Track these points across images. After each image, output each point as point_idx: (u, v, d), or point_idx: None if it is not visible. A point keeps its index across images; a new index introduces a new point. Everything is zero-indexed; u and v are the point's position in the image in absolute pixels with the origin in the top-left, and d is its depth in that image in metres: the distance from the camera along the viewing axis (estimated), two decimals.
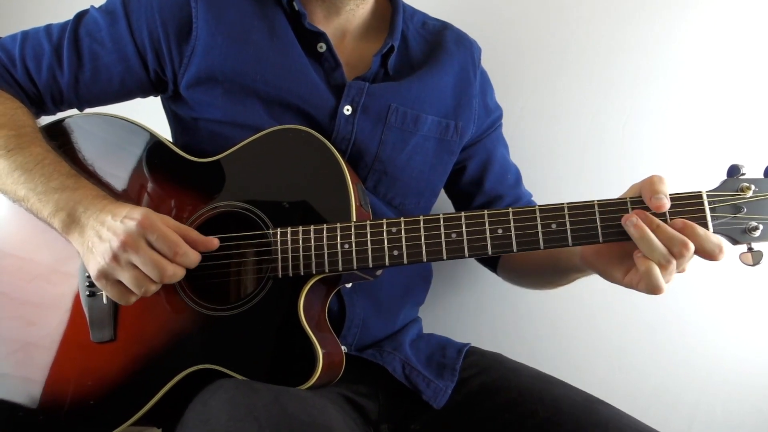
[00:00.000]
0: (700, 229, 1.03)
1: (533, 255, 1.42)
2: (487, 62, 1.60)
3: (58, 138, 1.31)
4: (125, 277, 1.12)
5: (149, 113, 1.45)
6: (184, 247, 1.13)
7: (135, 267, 1.11)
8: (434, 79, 1.44)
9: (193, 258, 1.14)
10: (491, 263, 1.59)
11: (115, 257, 1.11)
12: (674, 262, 1.04)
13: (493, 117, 1.57)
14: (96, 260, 1.13)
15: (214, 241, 1.18)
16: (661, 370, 1.80)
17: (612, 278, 1.13)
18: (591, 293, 1.78)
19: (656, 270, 1.04)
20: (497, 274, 1.60)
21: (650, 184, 1.06)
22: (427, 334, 1.52)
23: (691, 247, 1.03)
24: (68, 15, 1.38)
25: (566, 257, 1.27)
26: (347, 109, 1.35)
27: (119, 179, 1.29)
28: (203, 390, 1.11)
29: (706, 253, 1.03)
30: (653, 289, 1.06)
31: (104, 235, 1.12)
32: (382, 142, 1.38)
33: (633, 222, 1.05)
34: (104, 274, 1.13)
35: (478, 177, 1.54)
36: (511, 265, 1.54)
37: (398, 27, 1.44)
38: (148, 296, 1.14)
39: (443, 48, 1.49)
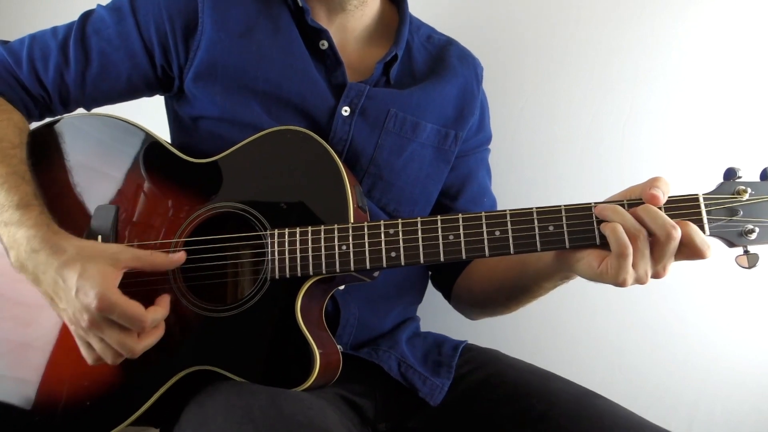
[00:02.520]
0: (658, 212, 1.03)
1: (497, 268, 1.40)
2: (487, 63, 1.60)
3: (51, 140, 1.31)
4: (95, 346, 1.12)
5: (150, 114, 1.46)
6: (148, 319, 1.10)
7: (103, 340, 1.11)
8: (436, 90, 1.45)
9: (161, 315, 1.14)
10: (445, 290, 1.57)
11: (83, 329, 1.11)
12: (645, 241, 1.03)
13: (482, 136, 1.57)
14: (66, 317, 1.12)
15: (181, 258, 1.17)
16: (661, 370, 1.80)
17: (588, 267, 1.09)
18: (590, 293, 1.77)
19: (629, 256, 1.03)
20: (450, 303, 1.58)
21: (653, 179, 1.06)
22: (423, 332, 1.52)
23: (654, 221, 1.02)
24: (72, 15, 1.39)
25: (535, 259, 1.24)
26: (345, 110, 1.35)
27: (116, 180, 1.29)
28: (200, 392, 1.12)
29: (660, 227, 1.01)
30: (619, 273, 1.04)
31: (64, 302, 1.11)
32: (378, 146, 1.38)
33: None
34: (75, 334, 1.14)
35: (455, 191, 1.53)
36: (471, 286, 1.49)
37: (403, 37, 1.45)
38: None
39: (446, 62, 1.50)
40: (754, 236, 1.03)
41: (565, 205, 1.09)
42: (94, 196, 1.28)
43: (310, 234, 1.17)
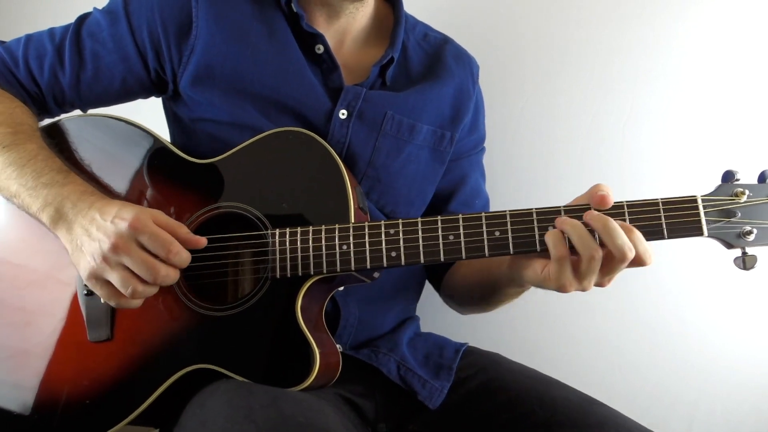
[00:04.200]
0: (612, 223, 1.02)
1: (473, 269, 1.41)
2: (487, 63, 1.61)
3: (56, 139, 1.32)
4: (114, 277, 1.12)
5: (149, 114, 1.46)
6: (177, 246, 1.13)
7: (125, 268, 1.11)
8: (432, 91, 1.45)
9: (186, 258, 1.14)
10: (436, 283, 1.58)
11: (106, 258, 1.11)
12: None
13: (476, 137, 1.57)
14: (86, 259, 1.13)
15: (202, 240, 1.18)
16: (661, 370, 1.80)
17: (532, 273, 1.10)
18: (590, 293, 1.77)
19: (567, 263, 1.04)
20: (440, 295, 1.59)
21: (595, 186, 1.07)
22: (424, 333, 1.53)
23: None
24: (70, 16, 1.40)
25: (497, 265, 1.26)
26: (342, 113, 1.35)
27: (118, 180, 1.30)
28: (200, 391, 1.12)
29: (617, 248, 1.01)
30: (558, 277, 1.05)
31: (94, 235, 1.12)
32: (376, 149, 1.38)
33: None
34: (94, 274, 1.13)
35: (447, 194, 1.53)
36: (453, 283, 1.51)
37: (399, 38, 1.45)
38: (137, 298, 1.14)
39: (442, 63, 1.50)
40: (752, 237, 1.04)
41: (564, 206, 1.09)
42: None
43: (311, 234, 1.17)
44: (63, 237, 1.17)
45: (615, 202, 1.07)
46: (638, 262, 1.03)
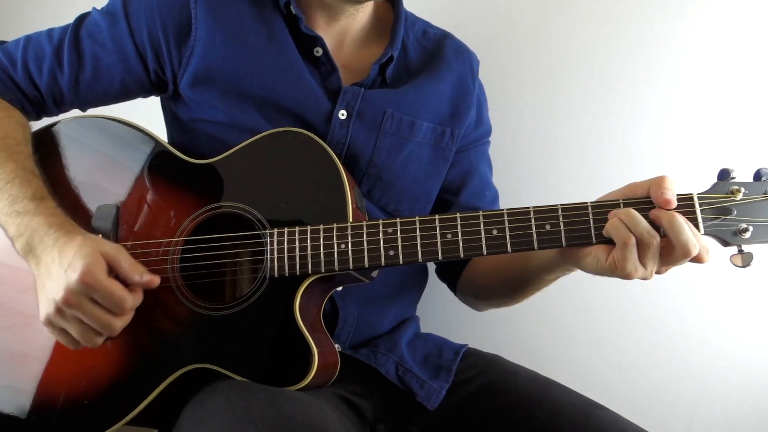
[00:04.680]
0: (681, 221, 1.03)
1: (501, 261, 1.40)
2: (487, 63, 1.60)
3: (51, 144, 1.32)
4: (71, 329, 1.13)
5: (147, 113, 1.46)
6: (130, 302, 1.13)
7: (80, 321, 1.12)
8: (431, 87, 1.45)
9: (140, 301, 1.16)
10: (451, 282, 1.57)
11: (59, 311, 1.12)
12: (655, 242, 1.03)
13: (482, 130, 1.57)
14: (43, 306, 1.14)
15: (155, 280, 1.18)
16: (661, 370, 1.80)
17: (595, 261, 1.09)
18: (590, 293, 1.78)
19: (634, 249, 1.04)
20: (456, 295, 1.58)
21: (660, 181, 1.06)
22: (424, 333, 1.52)
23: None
24: (70, 16, 1.40)
25: (539, 252, 1.23)
26: (342, 114, 1.35)
27: (116, 180, 1.30)
28: (199, 391, 1.12)
29: (681, 244, 1.02)
30: (625, 266, 1.05)
31: (52, 281, 1.12)
32: (376, 148, 1.38)
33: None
34: (49, 323, 1.15)
35: (456, 186, 1.53)
36: (476, 278, 1.50)
37: (399, 36, 1.44)
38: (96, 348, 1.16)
39: (442, 58, 1.49)
40: (748, 235, 1.04)
41: (561, 205, 1.09)
42: (95, 196, 1.29)
43: (309, 233, 1.18)
44: (33, 269, 1.18)
45: (611, 201, 1.08)
46: (697, 260, 1.04)
